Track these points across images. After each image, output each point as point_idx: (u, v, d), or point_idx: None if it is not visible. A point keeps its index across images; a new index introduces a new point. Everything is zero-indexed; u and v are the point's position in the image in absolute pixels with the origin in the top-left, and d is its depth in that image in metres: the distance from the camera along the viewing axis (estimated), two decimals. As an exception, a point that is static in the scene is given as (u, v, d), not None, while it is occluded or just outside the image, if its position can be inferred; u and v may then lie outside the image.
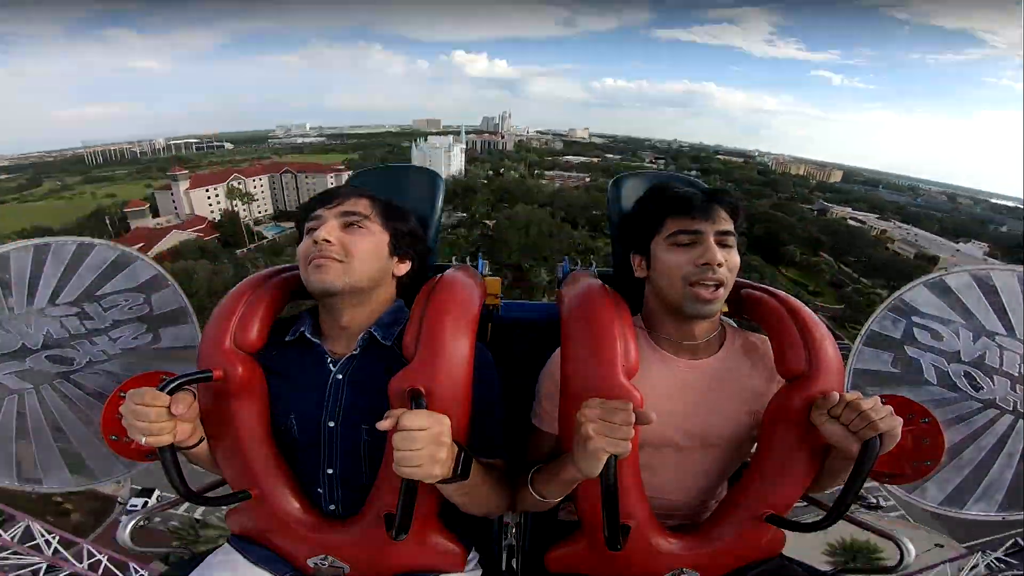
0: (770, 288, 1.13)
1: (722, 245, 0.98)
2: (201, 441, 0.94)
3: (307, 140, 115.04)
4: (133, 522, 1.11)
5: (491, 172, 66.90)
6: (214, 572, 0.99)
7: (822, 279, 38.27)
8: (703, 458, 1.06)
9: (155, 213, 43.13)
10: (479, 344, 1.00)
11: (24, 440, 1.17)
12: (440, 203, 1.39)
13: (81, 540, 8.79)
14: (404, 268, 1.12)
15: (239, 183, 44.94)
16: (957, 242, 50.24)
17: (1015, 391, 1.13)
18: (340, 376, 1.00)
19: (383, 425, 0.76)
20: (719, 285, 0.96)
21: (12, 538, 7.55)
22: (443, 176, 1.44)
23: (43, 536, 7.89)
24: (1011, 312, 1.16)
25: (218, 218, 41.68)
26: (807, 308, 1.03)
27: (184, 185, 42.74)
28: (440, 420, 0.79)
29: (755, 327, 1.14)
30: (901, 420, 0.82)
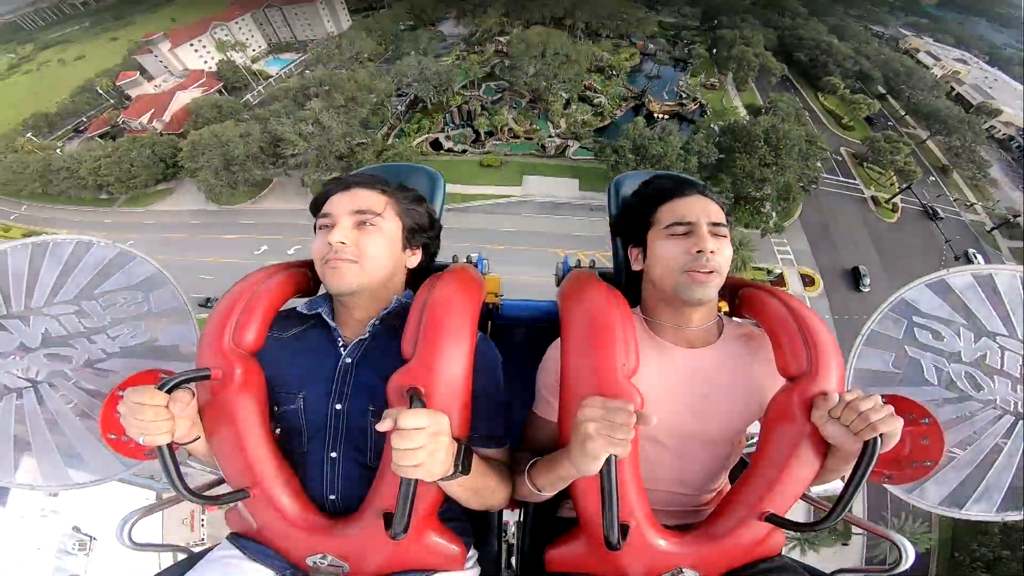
0: (770, 288, 1.13)
1: (715, 235, 1.01)
2: (198, 438, 0.94)
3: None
4: (132, 521, 1.12)
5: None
6: (213, 569, 0.99)
7: (859, 114, 35.70)
8: (702, 449, 1.06)
9: (148, 78, 41.08)
10: (481, 334, 1.01)
11: (23, 439, 1.17)
12: (441, 202, 1.39)
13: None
14: (416, 259, 1.16)
15: (225, 33, 42.83)
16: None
17: (1016, 392, 1.13)
18: (349, 360, 1.03)
19: (382, 427, 0.76)
20: (713, 271, 0.99)
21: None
22: None
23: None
24: (1012, 313, 1.15)
25: (215, 68, 40.07)
26: (807, 307, 1.03)
27: (166, 45, 41.06)
28: (439, 418, 0.79)
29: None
30: (901, 420, 0.82)
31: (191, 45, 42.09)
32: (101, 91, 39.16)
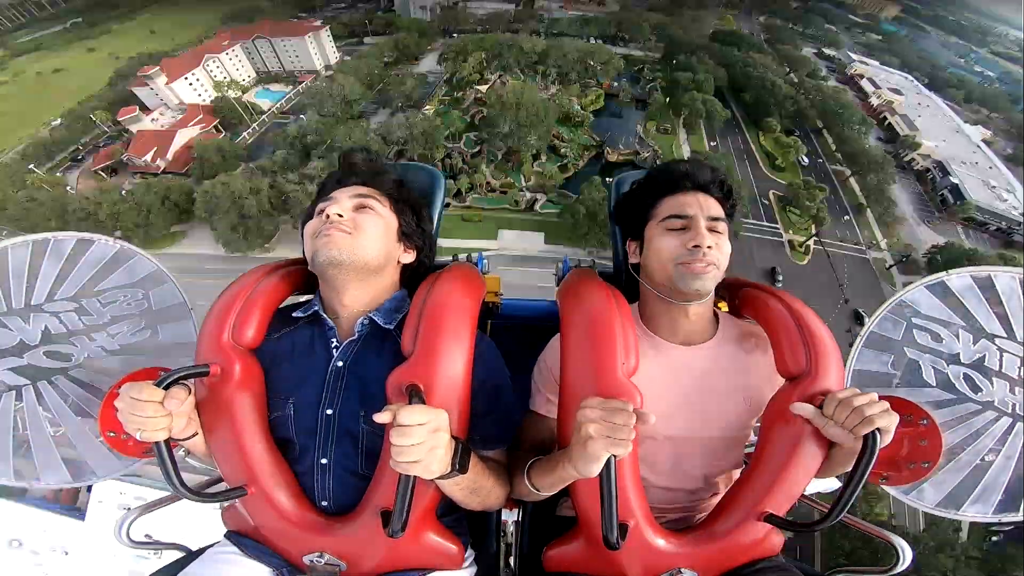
0: (770, 288, 1.13)
1: (712, 231, 1.01)
2: (196, 435, 0.94)
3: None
4: (130, 520, 1.11)
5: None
6: (211, 567, 0.99)
7: (789, 157, 36.47)
8: (699, 446, 1.07)
9: (144, 109, 41.67)
10: (483, 334, 1.01)
11: (22, 437, 1.17)
12: (440, 201, 1.39)
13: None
14: (409, 256, 1.16)
15: (216, 65, 43.94)
16: (966, 121, 43.68)
17: (1014, 394, 1.13)
18: (340, 363, 1.01)
19: (380, 418, 0.76)
20: (709, 264, 0.99)
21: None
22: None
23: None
24: (1011, 314, 1.15)
25: (210, 102, 41.43)
26: (807, 307, 1.03)
27: (162, 80, 41.77)
28: (438, 415, 0.79)
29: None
30: (896, 416, 0.82)
31: (186, 78, 43.13)
32: (99, 122, 39.97)
